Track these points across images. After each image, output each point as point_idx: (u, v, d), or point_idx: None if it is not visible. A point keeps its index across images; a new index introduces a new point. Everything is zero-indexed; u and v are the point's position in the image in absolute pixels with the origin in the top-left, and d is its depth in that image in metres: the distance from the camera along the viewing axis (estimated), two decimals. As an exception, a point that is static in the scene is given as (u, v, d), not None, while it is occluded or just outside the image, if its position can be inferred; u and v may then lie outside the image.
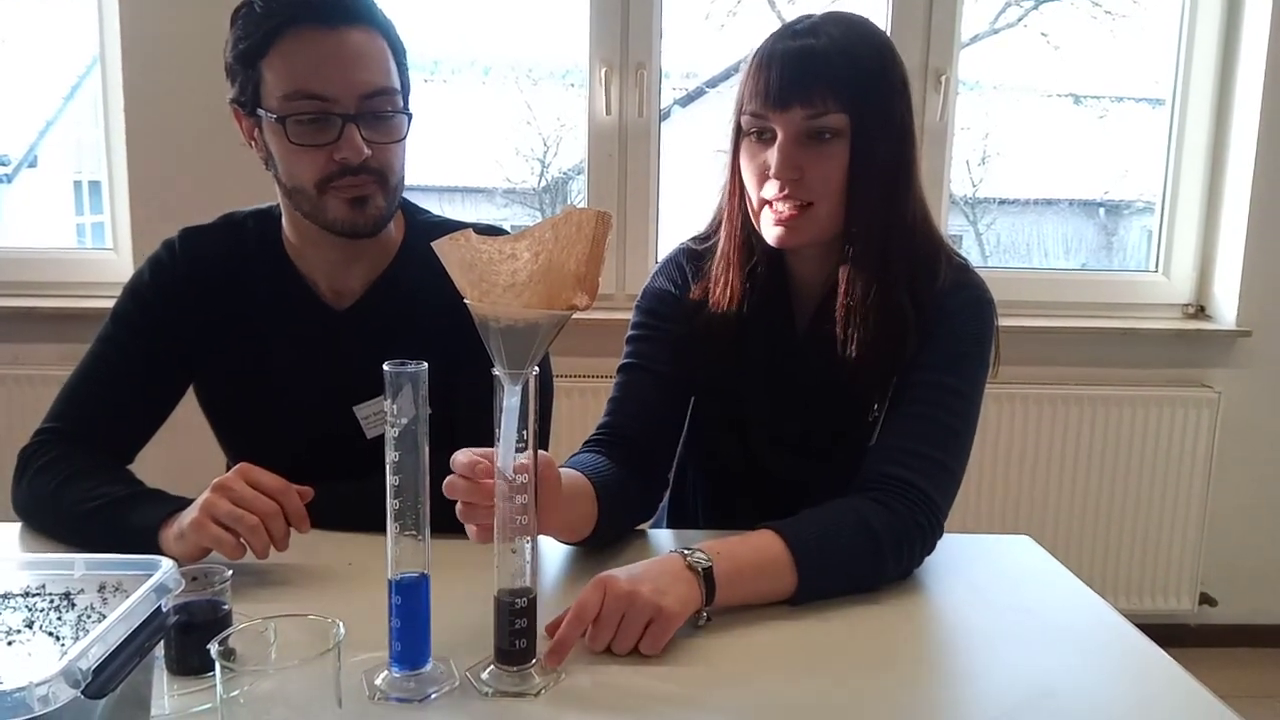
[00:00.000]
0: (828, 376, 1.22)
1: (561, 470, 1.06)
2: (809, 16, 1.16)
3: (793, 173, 1.14)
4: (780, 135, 1.14)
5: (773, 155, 1.15)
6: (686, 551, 1.01)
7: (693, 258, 1.33)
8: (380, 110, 1.18)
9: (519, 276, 0.81)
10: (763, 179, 1.17)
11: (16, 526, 1.24)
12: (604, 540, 1.17)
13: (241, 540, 1.03)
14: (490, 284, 0.81)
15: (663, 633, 0.94)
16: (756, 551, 1.05)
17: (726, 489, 1.40)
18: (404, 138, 1.22)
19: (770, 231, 1.19)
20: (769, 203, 1.17)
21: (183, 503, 1.12)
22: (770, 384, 1.29)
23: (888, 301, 1.19)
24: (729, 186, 1.25)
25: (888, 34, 2.57)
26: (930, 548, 1.15)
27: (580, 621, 0.92)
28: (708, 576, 0.99)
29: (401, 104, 1.21)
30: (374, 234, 1.24)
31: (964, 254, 1.27)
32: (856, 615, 1.06)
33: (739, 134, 1.20)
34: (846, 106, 1.13)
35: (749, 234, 1.25)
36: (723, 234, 1.27)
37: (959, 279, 1.23)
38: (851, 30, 1.16)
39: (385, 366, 0.84)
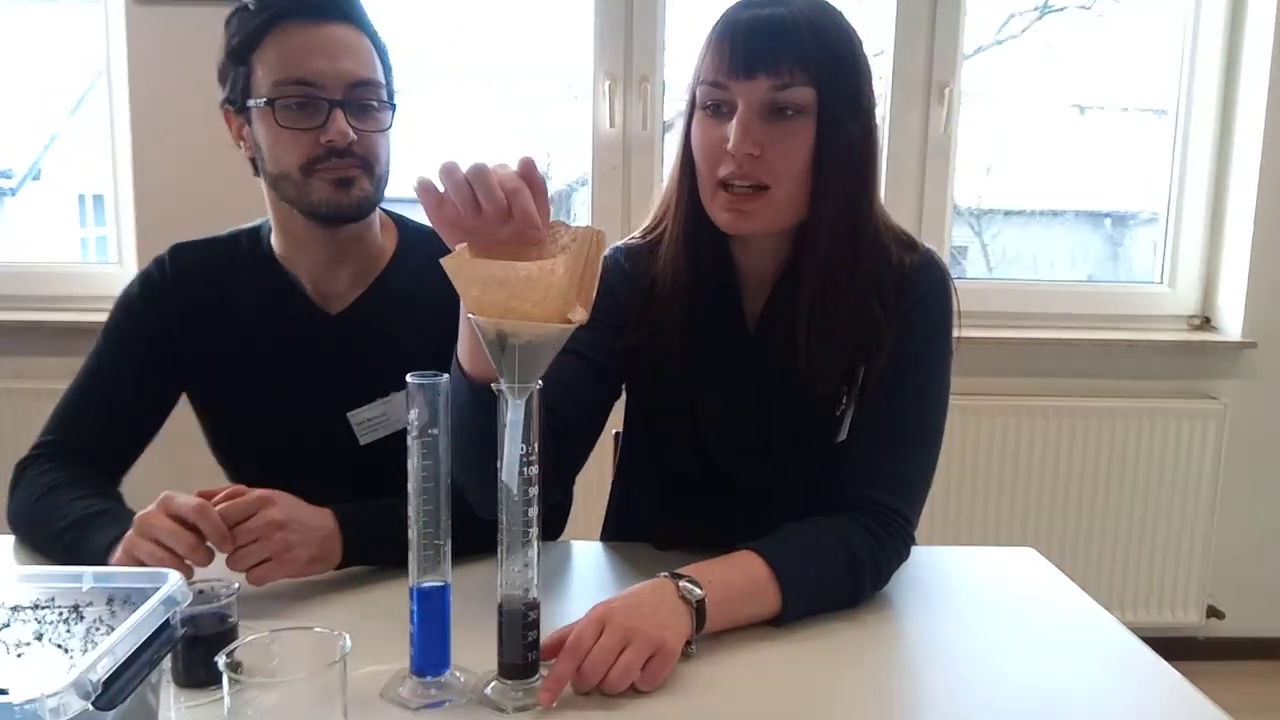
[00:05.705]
0: (784, 373, 1.15)
1: None
2: None
3: (752, 148, 1.05)
4: (741, 106, 1.05)
5: (731, 129, 1.05)
6: (676, 578, 0.98)
7: (632, 255, 1.23)
8: (365, 99, 1.22)
9: (550, 293, 0.81)
10: (718, 157, 1.07)
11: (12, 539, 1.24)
12: None
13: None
14: (521, 299, 0.81)
15: (663, 669, 0.91)
16: (744, 577, 1.03)
17: (679, 493, 1.29)
18: (388, 128, 1.25)
19: (722, 216, 1.09)
20: (723, 184, 1.08)
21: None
22: (722, 381, 1.20)
23: (854, 299, 1.12)
24: (678, 167, 1.16)
25: (891, 45, 2.62)
26: (901, 564, 1.15)
27: (575, 656, 0.89)
28: (700, 608, 0.97)
29: (386, 97, 1.25)
30: (357, 219, 1.25)
31: (968, 264, 1.26)
32: (856, 628, 1.06)
33: (692, 109, 1.11)
34: (813, 81, 1.04)
35: (699, 218, 1.14)
36: (670, 218, 1.18)
37: (916, 258, 1.16)
38: (817, 8, 1.08)
39: (409, 377, 0.85)
